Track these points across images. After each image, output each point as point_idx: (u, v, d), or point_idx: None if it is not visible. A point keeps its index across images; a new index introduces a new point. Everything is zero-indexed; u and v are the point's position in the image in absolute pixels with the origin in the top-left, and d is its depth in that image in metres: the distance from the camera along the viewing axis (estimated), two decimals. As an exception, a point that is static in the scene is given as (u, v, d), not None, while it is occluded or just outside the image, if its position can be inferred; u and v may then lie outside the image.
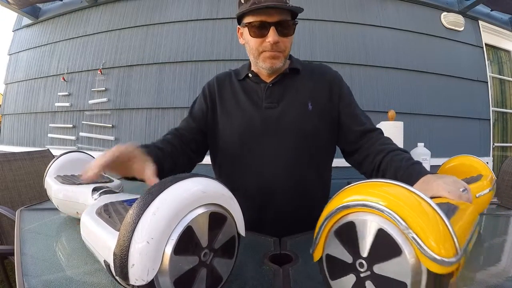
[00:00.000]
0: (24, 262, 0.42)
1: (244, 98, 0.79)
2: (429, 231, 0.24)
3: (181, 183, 0.31)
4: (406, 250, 0.24)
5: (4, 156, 1.41)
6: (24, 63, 2.64)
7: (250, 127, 0.75)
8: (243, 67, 0.85)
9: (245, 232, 0.37)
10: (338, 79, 0.81)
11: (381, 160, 0.67)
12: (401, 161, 0.63)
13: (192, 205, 0.30)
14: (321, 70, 0.83)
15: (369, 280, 0.27)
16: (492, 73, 2.55)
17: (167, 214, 0.27)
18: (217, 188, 0.33)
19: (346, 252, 0.29)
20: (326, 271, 0.32)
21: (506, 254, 0.49)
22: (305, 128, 0.75)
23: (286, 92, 0.78)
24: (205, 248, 0.31)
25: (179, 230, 0.28)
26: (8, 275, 1.06)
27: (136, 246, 0.26)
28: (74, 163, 0.69)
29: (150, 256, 0.26)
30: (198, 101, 0.84)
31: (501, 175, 1.44)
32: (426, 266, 0.24)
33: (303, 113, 0.75)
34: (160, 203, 0.28)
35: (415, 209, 0.25)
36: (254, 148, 0.75)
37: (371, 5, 2.16)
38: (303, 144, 0.74)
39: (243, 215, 0.37)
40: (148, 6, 2.21)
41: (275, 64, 0.73)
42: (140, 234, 0.26)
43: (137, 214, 0.27)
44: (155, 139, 0.72)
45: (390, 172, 0.64)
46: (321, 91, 0.78)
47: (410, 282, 0.24)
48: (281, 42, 0.71)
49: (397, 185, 0.28)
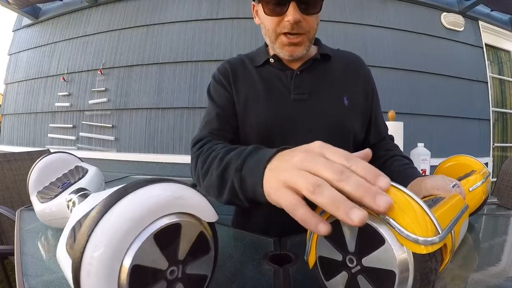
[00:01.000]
0: (24, 262, 0.42)
1: (265, 89, 0.65)
2: (406, 215, 0.24)
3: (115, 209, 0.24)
4: (388, 237, 0.25)
5: (4, 156, 1.41)
6: (24, 63, 2.64)
7: (275, 123, 0.62)
8: (259, 51, 0.71)
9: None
10: (371, 74, 0.72)
11: (383, 163, 0.68)
12: (398, 166, 0.63)
13: (128, 241, 0.23)
14: (355, 61, 0.72)
15: (360, 275, 0.27)
16: (492, 73, 2.55)
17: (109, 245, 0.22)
18: (160, 200, 0.26)
19: (335, 251, 0.29)
20: (320, 273, 0.32)
21: (506, 254, 0.49)
22: (342, 127, 0.65)
23: (319, 82, 0.65)
24: (168, 268, 0.26)
25: (127, 263, 0.23)
26: (8, 275, 1.06)
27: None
28: (53, 166, 0.60)
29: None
30: (217, 91, 0.68)
31: (501, 175, 1.44)
32: (409, 249, 0.24)
33: (340, 108, 0.65)
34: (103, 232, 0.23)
35: (392, 198, 0.25)
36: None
37: (371, 5, 2.16)
38: (338, 144, 0.65)
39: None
40: (148, 6, 2.21)
41: (296, 52, 0.60)
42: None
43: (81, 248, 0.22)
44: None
45: (387, 173, 0.64)
46: (357, 86, 0.69)
47: (398, 268, 0.24)
48: (304, 21, 0.57)
49: None
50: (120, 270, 0.23)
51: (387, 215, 0.24)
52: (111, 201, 0.24)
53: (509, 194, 1.36)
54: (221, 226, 0.63)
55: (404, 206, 0.25)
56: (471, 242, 0.54)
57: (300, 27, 0.58)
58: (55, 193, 0.52)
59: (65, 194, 0.49)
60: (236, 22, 2.06)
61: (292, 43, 0.59)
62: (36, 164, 0.59)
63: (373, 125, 0.73)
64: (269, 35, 0.62)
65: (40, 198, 0.54)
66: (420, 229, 0.23)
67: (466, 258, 0.47)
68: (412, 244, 0.23)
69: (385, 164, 0.68)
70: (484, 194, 0.55)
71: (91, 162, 0.64)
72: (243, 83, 0.66)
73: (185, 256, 0.27)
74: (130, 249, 0.23)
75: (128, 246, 0.23)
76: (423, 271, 0.24)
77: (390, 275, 0.25)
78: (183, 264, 0.27)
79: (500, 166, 1.48)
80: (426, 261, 0.24)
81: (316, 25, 0.61)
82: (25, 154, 1.49)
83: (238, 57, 0.73)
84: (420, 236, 0.23)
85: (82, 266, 0.22)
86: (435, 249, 0.24)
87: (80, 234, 0.23)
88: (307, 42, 0.61)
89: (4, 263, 1.04)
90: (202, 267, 0.30)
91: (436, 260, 0.25)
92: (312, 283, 0.38)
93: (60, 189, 0.53)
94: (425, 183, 0.47)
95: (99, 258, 0.22)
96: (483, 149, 2.30)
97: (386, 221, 0.24)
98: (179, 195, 0.27)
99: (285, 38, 0.59)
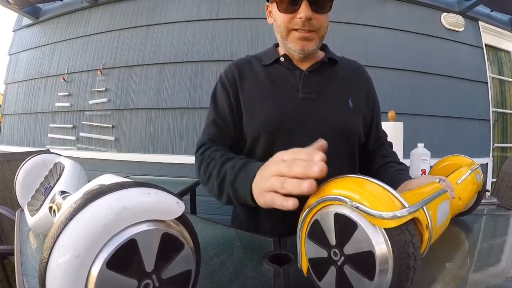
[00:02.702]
0: (24, 262, 0.42)
1: (273, 87, 0.67)
2: (372, 197, 0.27)
3: (125, 191, 0.25)
4: (359, 220, 0.27)
5: (4, 156, 1.41)
6: (24, 63, 2.64)
7: (283, 120, 0.64)
8: (268, 51, 0.74)
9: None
10: (372, 83, 0.77)
11: (378, 168, 0.70)
12: (390, 173, 0.66)
13: (135, 218, 0.24)
14: (359, 68, 0.77)
15: (346, 265, 0.28)
16: (492, 74, 2.55)
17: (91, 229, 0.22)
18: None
19: (320, 249, 0.31)
20: (312, 275, 0.33)
21: (506, 254, 0.49)
22: (347, 127, 0.67)
23: (326, 83, 0.68)
24: (139, 284, 0.24)
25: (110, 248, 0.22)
26: (8, 275, 1.06)
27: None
28: (34, 173, 0.59)
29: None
30: (219, 96, 0.71)
31: (501, 175, 1.44)
32: (379, 225, 0.26)
33: (345, 110, 0.68)
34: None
35: (357, 186, 0.28)
36: (288, 146, 0.65)
37: (371, 6, 2.16)
38: (343, 145, 0.68)
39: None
40: (148, 7, 2.21)
41: (307, 47, 0.63)
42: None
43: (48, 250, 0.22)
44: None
45: (381, 179, 0.67)
46: (360, 90, 0.73)
47: (375, 247, 0.26)
48: (315, 19, 0.61)
49: (346, 176, 0.31)
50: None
51: (353, 200, 0.27)
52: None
53: (509, 194, 1.36)
54: (221, 226, 0.63)
55: (370, 190, 0.27)
56: (471, 242, 0.54)
57: (311, 25, 0.62)
58: (40, 202, 0.51)
59: (47, 201, 0.48)
60: (236, 23, 2.06)
61: (303, 37, 0.63)
62: (17, 178, 0.58)
63: (373, 131, 0.76)
64: (281, 31, 0.65)
65: (30, 211, 0.53)
66: (386, 206, 0.25)
67: (466, 258, 0.47)
68: (380, 220, 0.25)
69: (379, 171, 0.70)
70: (475, 184, 0.56)
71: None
72: (250, 82, 0.69)
73: (154, 265, 0.25)
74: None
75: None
76: (399, 245, 0.25)
77: (370, 256, 0.26)
78: (156, 273, 0.25)
79: (500, 167, 1.48)
80: (399, 234, 0.25)
81: (326, 23, 0.65)
82: (25, 154, 1.48)
83: (246, 57, 0.75)
84: (385, 211, 0.25)
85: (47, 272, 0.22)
86: (403, 221, 0.25)
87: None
88: (318, 39, 0.64)
89: (4, 263, 1.04)
90: (181, 265, 0.28)
91: (410, 234, 0.26)
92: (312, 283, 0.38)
93: (43, 197, 0.52)
94: (410, 183, 0.49)
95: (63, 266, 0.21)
96: (483, 150, 2.29)
97: (355, 207, 0.27)
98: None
99: (297, 33, 0.63)
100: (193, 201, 1.65)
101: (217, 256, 0.46)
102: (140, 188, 0.27)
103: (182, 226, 0.29)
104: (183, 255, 0.28)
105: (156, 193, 0.27)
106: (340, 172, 0.70)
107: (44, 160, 0.61)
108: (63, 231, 0.22)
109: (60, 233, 0.22)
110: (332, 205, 0.30)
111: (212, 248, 0.50)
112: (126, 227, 0.24)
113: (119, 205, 0.24)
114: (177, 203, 0.28)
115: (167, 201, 0.27)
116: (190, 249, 0.28)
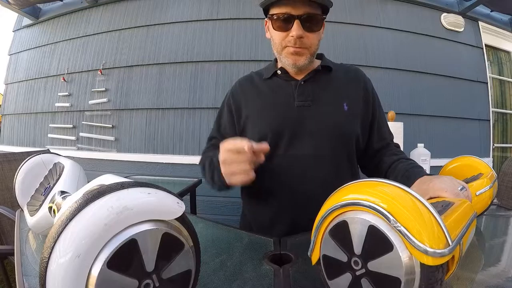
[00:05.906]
0: (24, 262, 0.42)
1: (272, 98, 0.74)
2: (417, 223, 0.23)
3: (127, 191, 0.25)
4: (397, 244, 0.24)
5: (4, 156, 1.41)
6: (24, 64, 2.64)
7: (282, 127, 0.70)
8: (268, 67, 0.81)
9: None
10: (371, 83, 0.79)
11: (389, 166, 0.70)
12: (404, 167, 0.65)
13: (135, 218, 0.24)
14: (355, 71, 0.80)
15: (364, 278, 0.27)
16: (492, 74, 2.55)
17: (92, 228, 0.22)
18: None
19: (341, 251, 0.29)
20: (323, 272, 0.32)
21: (506, 254, 0.49)
22: (342, 129, 0.71)
23: (320, 90, 0.73)
24: (140, 284, 0.25)
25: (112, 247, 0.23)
26: (8, 275, 1.06)
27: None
28: (33, 173, 0.59)
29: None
30: (224, 113, 0.80)
31: (501, 176, 1.44)
32: (417, 259, 0.23)
33: (340, 113, 0.71)
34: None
35: (403, 204, 0.25)
36: (286, 151, 0.70)
37: (371, 6, 2.16)
38: (340, 146, 0.71)
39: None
40: (148, 7, 2.21)
41: (298, 61, 0.69)
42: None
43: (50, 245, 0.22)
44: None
45: (392, 175, 0.67)
46: (356, 93, 0.75)
47: (404, 277, 0.24)
48: (306, 38, 0.66)
49: (387, 183, 0.28)
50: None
51: (398, 221, 0.24)
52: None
53: (509, 194, 1.36)
54: (221, 226, 0.63)
55: (415, 213, 0.24)
56: (471, 243, 0.54)
57: (302, 43, 0.67)
58: (40, 203, 0.51)
59: (47, 202, 0.49)
60: (236, 23, 2.06)
61: (295, 52, 0.68)
62: (16, 178, 0.58)
63: (376, 132, 0.77)
64: (276, 47, 0.71)
65: (29, 211, 0.53)
66: (430, 240, 0.23)
67: (466, 258, 0.47)
68: (421, 254, 0.23)
69: (390, 168, 0.70)
70: (490, 198, 0.54)
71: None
72: (251, 96, 0.77)
73: (155, 265, 0.25)
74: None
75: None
76: (428, 281, 0.24)
77: (395, 282, 0.24)
78: (156, 272, 0.25)
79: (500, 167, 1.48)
80: (433, 271, 0.24)
81: (317, 41, 0.70)
82: (25, 154, 1.48)
83: (249, 74, 0.84)
84: (430, 247, 0.22)
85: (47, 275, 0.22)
86: (444, 261, 0.23)
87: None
88: (309, 54, 0.70)
89: (4, 263, 1.04)
90: (181, 265, 0.28)
91: (443, 271, 0.24)
92: (312, 283, 0.38)
93: (43, 197, 0.52)
94: (433, 183, 0.46)
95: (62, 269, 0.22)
96: (483, 150, 2.29)
97: (397, 228, 0.24)
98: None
99: (290, 48, 0.68)
100: (193, 201, 1.65)
101: (217, 256, 0.46)
102: (141, 188, 0.27)
103: (183, 226, 0.29)
104: (183, 255, 0.28)
105: (157, 193, 0.27)
106: (339, 171, 0.72)
107: (44, 160, 0.61)
108: (64, 231, 0.22)
109: (61, 233, 0.22)
110: (368, 213, 0.27)
111: (212, 248, 0.50)
112: (127, 227, 0.24)
113: (119, 205, 0.24)
114: (177, 203, 0.28)
115: (167, 201, 0.27)
116: (190, 249, 0.29)
